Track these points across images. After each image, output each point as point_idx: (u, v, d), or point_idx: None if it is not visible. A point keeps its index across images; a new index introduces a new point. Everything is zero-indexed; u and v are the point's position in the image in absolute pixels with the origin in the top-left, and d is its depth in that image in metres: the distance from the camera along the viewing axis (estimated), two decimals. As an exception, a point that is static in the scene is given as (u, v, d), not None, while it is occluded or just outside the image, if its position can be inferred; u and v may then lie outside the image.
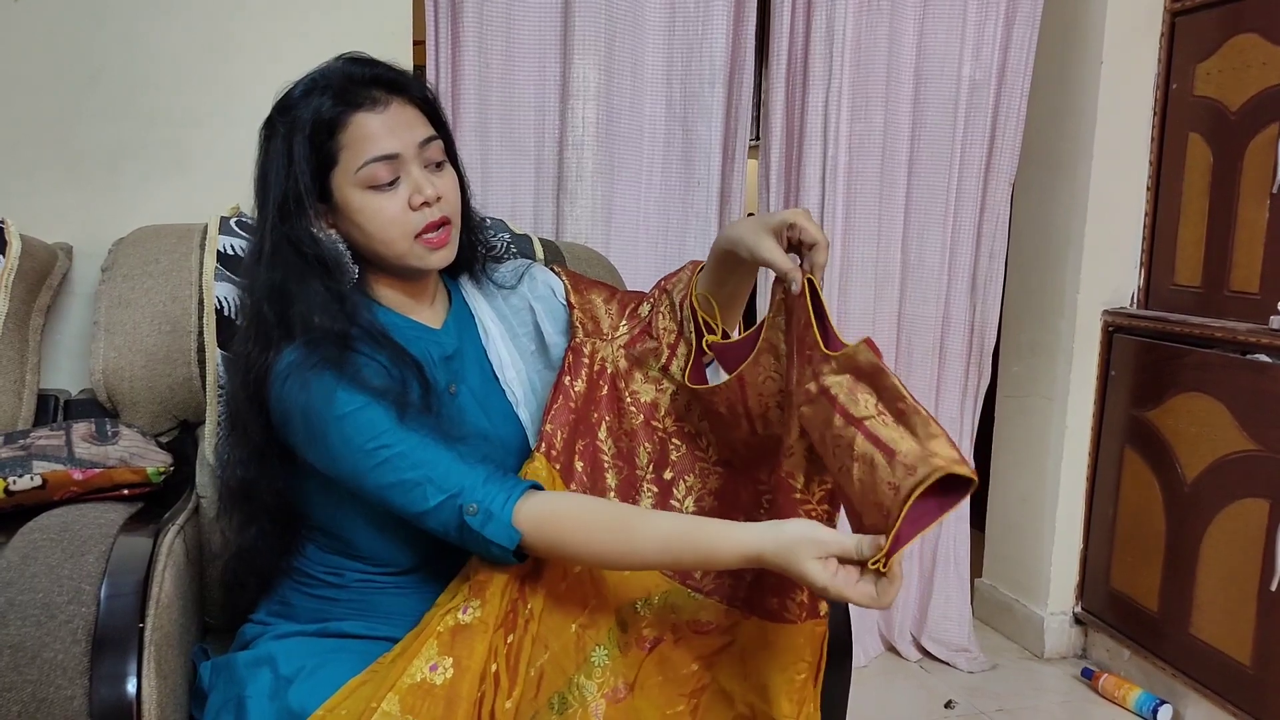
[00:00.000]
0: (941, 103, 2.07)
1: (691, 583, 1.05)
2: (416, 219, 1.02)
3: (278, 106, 1.02)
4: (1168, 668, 2.03)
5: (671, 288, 1.13)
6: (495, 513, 0.93)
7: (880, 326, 2.14)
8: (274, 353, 0.98)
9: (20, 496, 1.13)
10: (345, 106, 0.99)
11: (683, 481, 1.10)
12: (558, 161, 1.89)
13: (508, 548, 0.94)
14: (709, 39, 1.92)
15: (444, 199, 1.03)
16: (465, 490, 0.94)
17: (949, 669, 2.22)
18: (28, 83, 1.55)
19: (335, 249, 1.02)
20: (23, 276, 1.42)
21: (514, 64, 1.85)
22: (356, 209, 1.01)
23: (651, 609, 1.04)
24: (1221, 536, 1.91)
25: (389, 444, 0.94)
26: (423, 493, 0.94)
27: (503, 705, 0.93)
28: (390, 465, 0.94)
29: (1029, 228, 2.32)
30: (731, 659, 1.01)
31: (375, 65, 1.03)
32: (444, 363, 1.10)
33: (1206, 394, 1.95)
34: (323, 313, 0.99)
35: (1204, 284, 2.03)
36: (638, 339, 1.13)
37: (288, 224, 1.00)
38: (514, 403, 1.14)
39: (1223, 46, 1.98)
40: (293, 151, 0.99)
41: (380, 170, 0.99)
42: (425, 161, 1.03)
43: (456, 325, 1.14)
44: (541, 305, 1.18)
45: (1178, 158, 2.10)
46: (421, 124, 1.03)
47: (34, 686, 0.91)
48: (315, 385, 0.95)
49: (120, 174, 1.59)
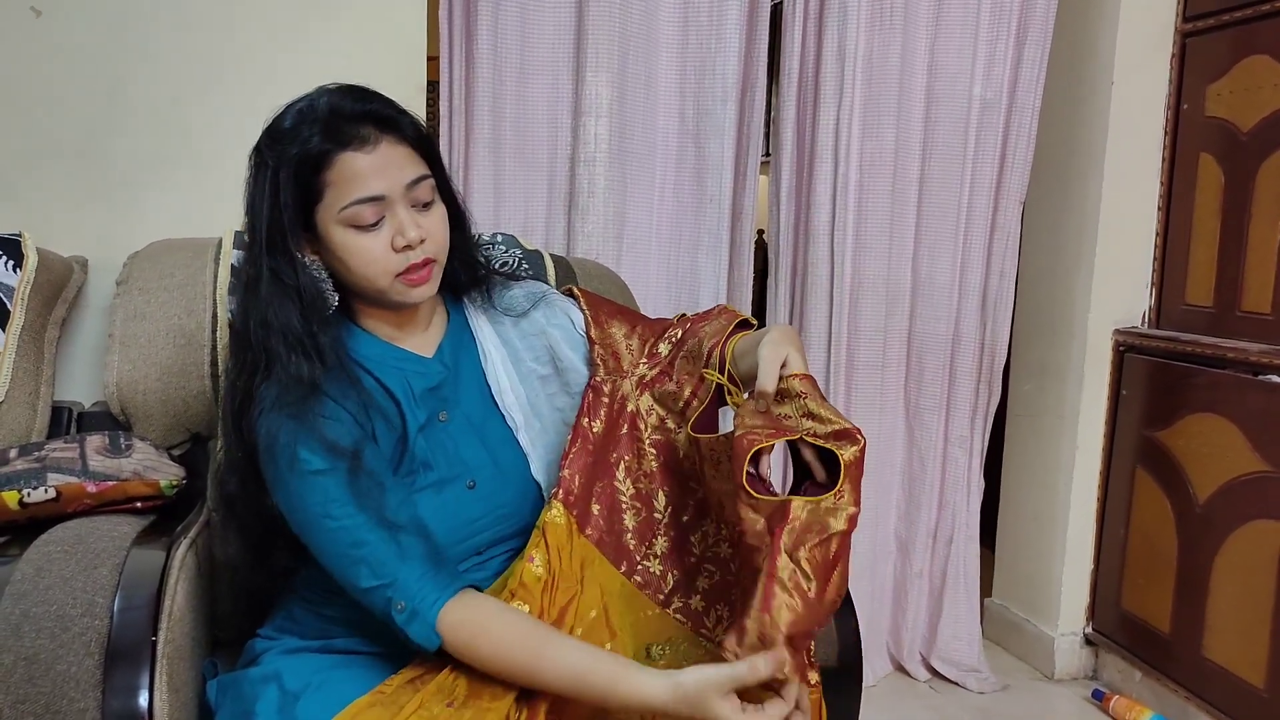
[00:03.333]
0: (953, 121, 2.07)
1: (704, 632, 1.04)
2: (398, 260, 1.00)
3: (266, 136, 1.01)
4: (1180, 689, 2.02)
5: (699, 332, 1.12)
6: (421, 613, 0.94)
7: (890, 344, 2.14)
8: (257, 380, 0.99)
9: (34, 509, 1.14)
10: (333, 145, 0.97)
11: (699, 528, 1.09)
12: (570, 177, 1.90)
13: (427, 649, 0.95)
14: (722, 56, 1.92)
15: (428, 240, 1.02)
16: (398, 584, 0.94)
17: (959, 689, 2.20)
18: (45, 96, 1.56)
19: (315, 279, 1.02)
20: (39, 290, 1.43)
21: (527, 80, 1.86)
22: (339, 245, 1.00)
23: (668, 654, 1.03)
24: (1234, 558, 1.90)
25: (337, 516, 0.95)
26: (357, 572, 0.95)
27: None
28: (334, 536, 0.95)
29: (1040, 246, 2.32)
30: None
31: (367, 100, 1.01)
32: (428, 394, 1.08)
33: (1218, 415, 1.94)
34: (295, 351, 0.98)
35: (1216, 304, 2.03)
36: (658, 380, 1.12)
37: (271, 253, 0.99)
38: (514, 427, 1.12)
39: (1234, 68, 1.98)
40: (279, 184, 0.98)
41: (365, 211, 0.98)
42: (412, 201, 1.01)
43: (452, 350, 1.13)
44: (559, 333, 1.16)
45: (1189, 178, 2.10)
46: (411, 163, 1.01)
47: (47, 698, 0.91)
48: (282, 433, 0.96)
49: (136, 188, 1.61)
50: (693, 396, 1.10)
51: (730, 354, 1.07)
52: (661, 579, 1.07)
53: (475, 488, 1.07)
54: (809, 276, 2.06)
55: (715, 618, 1.05)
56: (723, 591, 1.06)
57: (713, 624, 1.04)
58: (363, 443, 0.99)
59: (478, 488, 1.07)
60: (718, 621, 1.04)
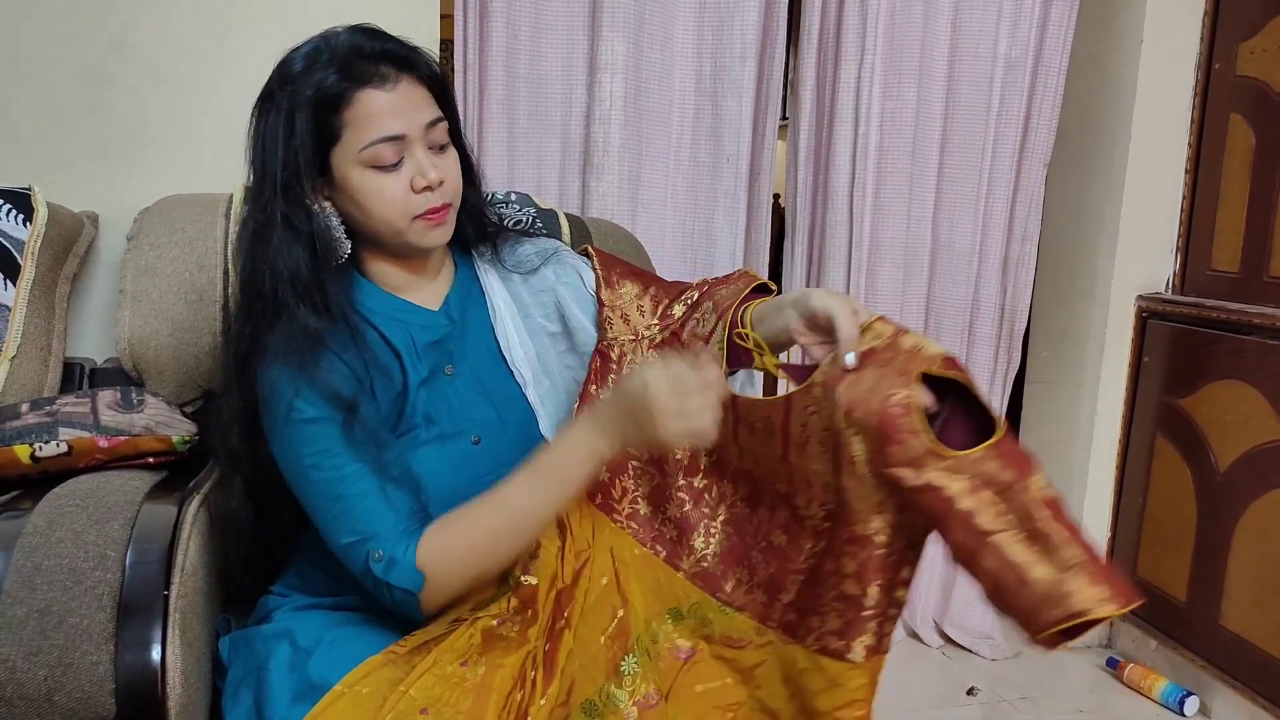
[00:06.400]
0: (976, 81, 2.03)
1: (721, 596, 1.02)
2: (418, 201, 0.99)
3: (277, 77, 0.98)
4: (1195, 658, 2.00)
5: (715, 294, 1.08)
6: (399, 559, 0.92)
7: (909, 308, 2.11)
8: (262, 329, 0.98)
9: (46, 463, 1.13)
10: (351, 82, 0.95)
11: (716, 488, 1.06)
12: (585, 136, 1.87)
13: (412, 592, 0.92)
14: (741, 12, 1.88)
15: (446, 183, 1.00)
16: (378, 535, 0.93)
17: (971, 656, 2.20)
18: (53, 50, 1.54)
19: (327, 225, 1.00)
20: (49, 244, 1.41)
21: (542, 36, 1.82)
22: (357, 188, 0.98)
23: (682, 620, 1.02)
24: (1255, 526, 1.88)
25: (324, 467, 0.94)
26: (338, 526, 0.94)
27: (536, 703, 0.92)
28: (319, 488, 0.95)
29: (1063, 210, 2.27)
30: (774, 677, 0.97)
31: (385, 39, 0.99)
32: (432, 347, 1.07)
33: (1243, 381, 1.91)
34: (304, 301, 0.97)
35: (1242, 269, 1.99)
36: (668, 341, 1.09)
37: (283, 198, 0.97)
38: (522, 384, 1.10)
39: (1267, 25, 1.93)
40: (294, 125, 0.95)
41: (385, 151, 0.96)
42: (430, 143, 0.99)
43: (459, 302, 1.11)
44: (568, 291, 1.14)
45: (1218, 139, 2.05)
46: (428, 104, 0.99)
47: (60, 651, 0.91)
48: (280, 381, 0.95)
49: (146, 143, 1.59)
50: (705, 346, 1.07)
51: (750, 319, 1.03)
52: (676, 543, 1.06)
53: (480, 443, 1.06)
54: (827, 239, 2.03)
55: (734, 581, 1.03)
56: (741, 555, 1.04)
57: (730, 588, 1.02)
58: (360, 397, 0.97)
59: (483, 443, 1.06)
60: (736, 585, 1.02)
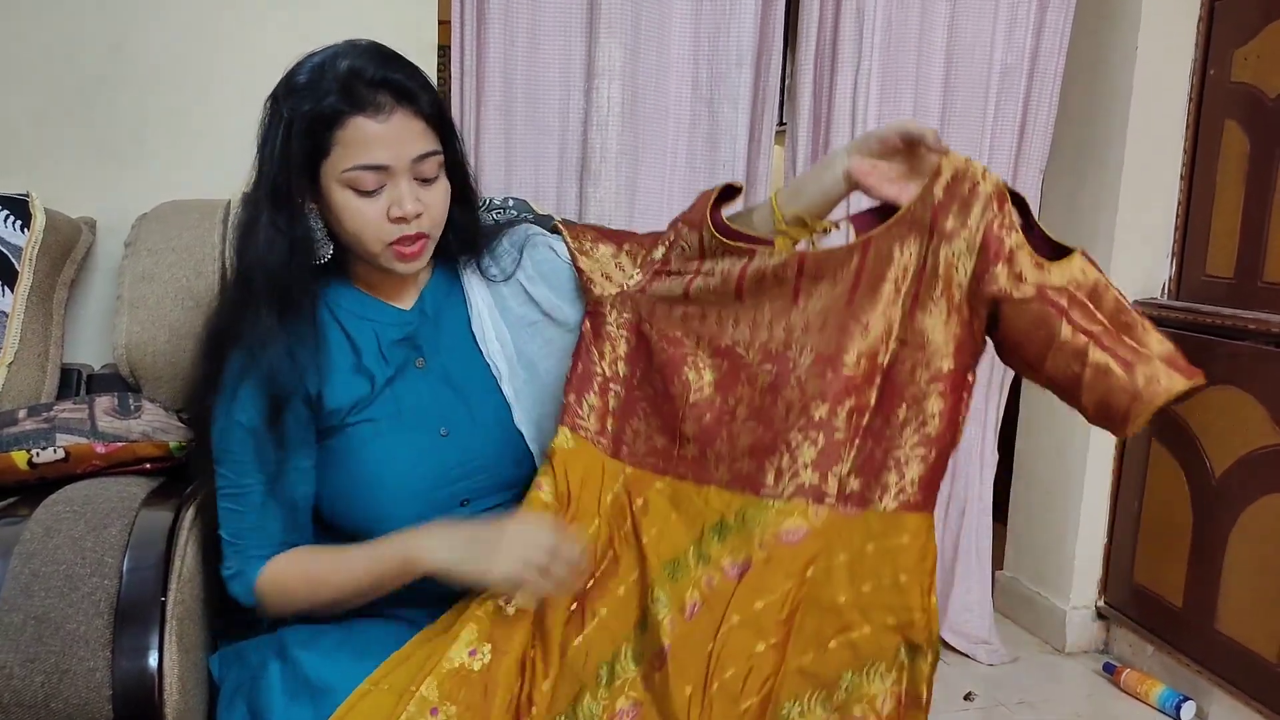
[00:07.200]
0: (972, 86, 2.03)
1: (766, 490, 0.99)
2: (391, 229, 1.00)
3: (283, 86, 1.01)
4: (1192, 664, 2.00)
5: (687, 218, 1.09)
6: (244, 574, 1.03)
7: (905, 314, 2.11)
8: (236, 316, 1.02)
9: (43, 469, 1.13)
10: (347, 106, 0.96)
11: (733, 388, 1.03)
12: (582, 142, 1.87)
13: (247, 603, 1.03)
14: (737, 19, 1.89)
15: (425, 215, 1.01)
16: (241, 548, 1.03)
17: (969, 661, 2.20)
18: (50, 55, 1.54)
19: (310, 229, 1.02)
20: (46, 251, 1.42)
21: (539, 42, 1.82)
22: (337, 204, 1.00)
23: (729, 534, 0.99)
24: (1250, 531, 1.88)
25: (233, 467, 1.02)
26: (223, 520, 1.03)
27: (541, 687, 0.92)
28: (222, 479, 1.03)
29: (1059, 216, 2.28)
30: (832, 566, 0.95)
31: (391, 67, 0.99)
32: (399, 345, 1.08)
33: (1237, 387, 1.91)
34: (273, 294, 1.00)
35: (1237, 275, 1.99)
36: (655, 279, 1.09)
37: (274, 199, 1.00)
38: (497, 376, 1.11)
39: (1262, 31, 1.94)
40: (290, 135, 0.98)
41: (366, 178, 0.98)
42: (417, 174, 1.00)
43: (434, 299, 1.12)
44: (546, 267, 1.14)
45: (1213, 145, 2.06)
46: (423, 138, 1.00)
47: (57, 657, 0.91)
48: (235, 364, 1.01)
49: (144, 149, 1.59)
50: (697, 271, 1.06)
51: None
52: (700, 460, 1.03)
53: (449, 435, 1.07)
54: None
55: (773, 473, 0.99)
56: (771, 444, 1.00)
57: (771, 480, 0.99)
58: (294, 398, 1.01)
59: (451, 435, 1.07)
60: (776, 476, 0.99)
